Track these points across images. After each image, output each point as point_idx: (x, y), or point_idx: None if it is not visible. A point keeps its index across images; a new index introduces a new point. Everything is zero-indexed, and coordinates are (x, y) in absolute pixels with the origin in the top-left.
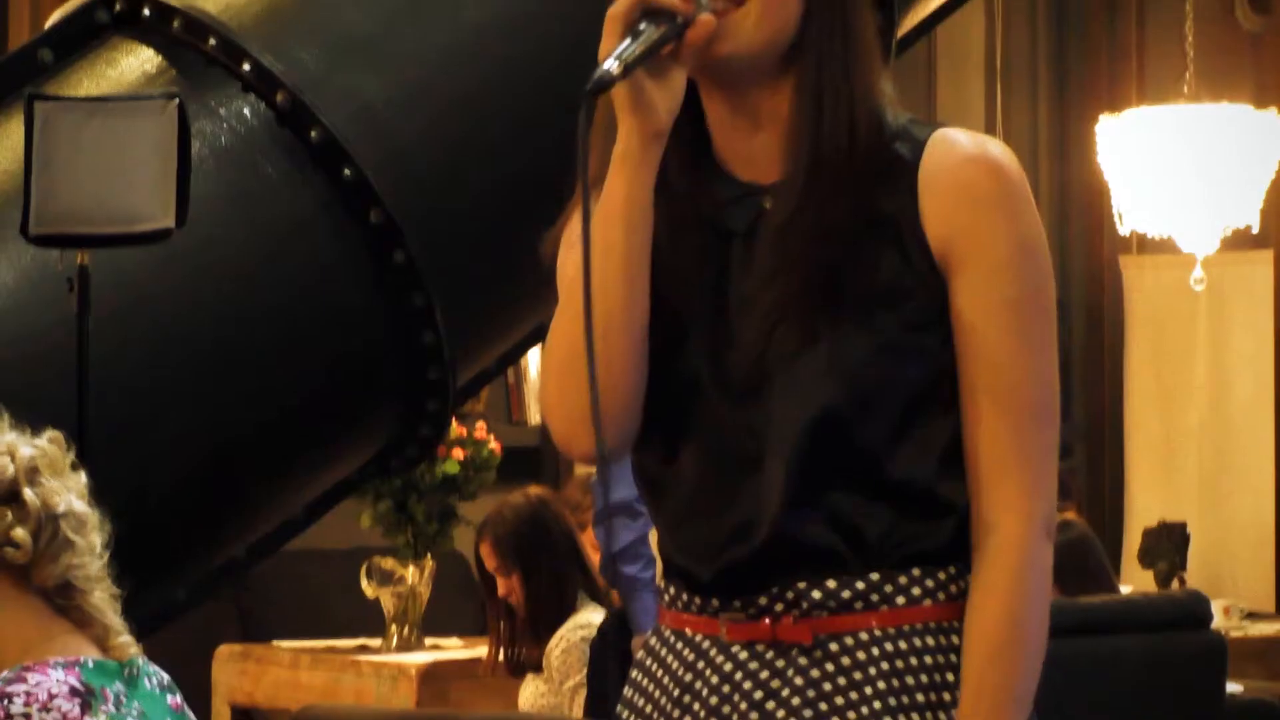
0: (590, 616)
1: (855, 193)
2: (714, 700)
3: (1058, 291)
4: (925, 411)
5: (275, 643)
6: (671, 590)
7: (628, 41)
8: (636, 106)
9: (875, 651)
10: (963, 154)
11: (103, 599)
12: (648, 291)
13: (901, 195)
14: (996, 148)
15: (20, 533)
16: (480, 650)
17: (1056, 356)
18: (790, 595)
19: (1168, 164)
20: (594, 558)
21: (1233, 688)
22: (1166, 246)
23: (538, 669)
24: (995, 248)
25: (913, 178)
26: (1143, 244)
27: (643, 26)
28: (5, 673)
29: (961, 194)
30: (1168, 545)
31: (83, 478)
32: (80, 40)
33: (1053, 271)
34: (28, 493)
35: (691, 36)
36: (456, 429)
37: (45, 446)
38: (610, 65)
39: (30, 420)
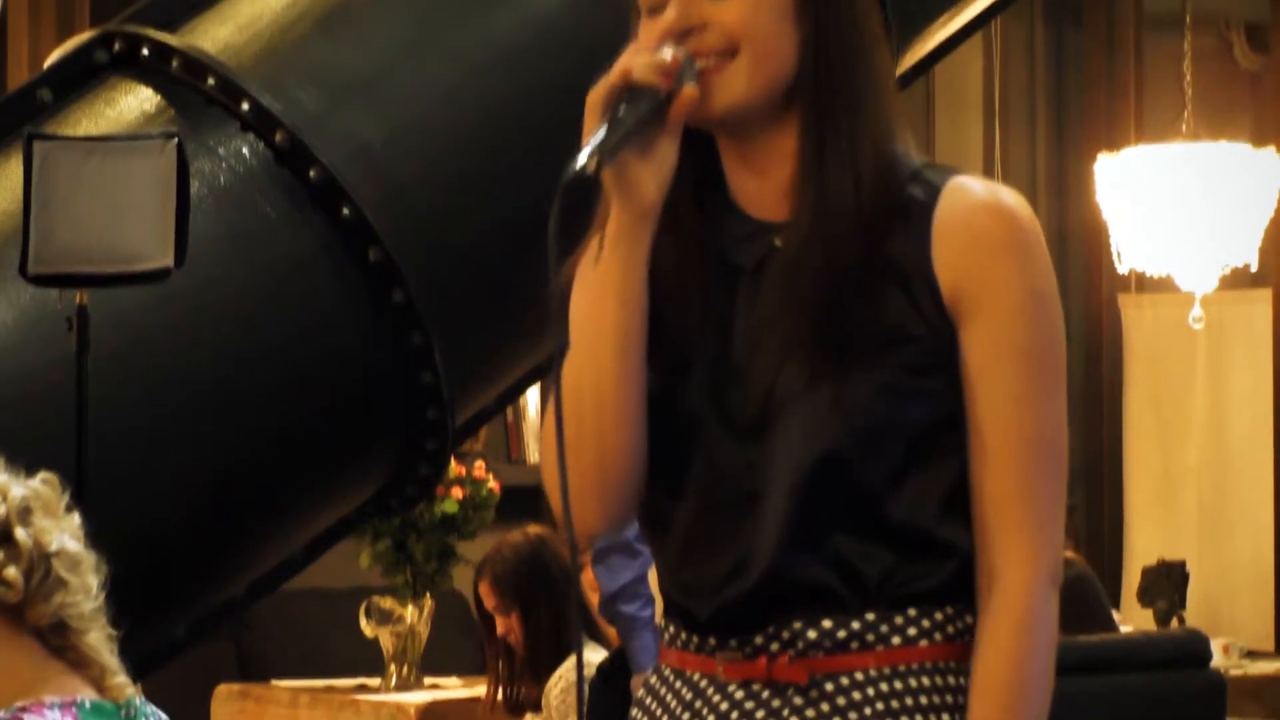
0: (589, 656)
1: (863, 234)
2: None
3: None
4: (928, 455)
5: (274, 682)
6: (671, 629)
7: (604, 131)
8: (623, 188)
9: (870, 691)
10: (977, 201)
11: (99, 639)
12: (644, 367)
13: (914, 240)
14: (1010, 196)
15: (12, 572)
16: (479, 689)
17: (1065, 405)
18: (786, 635)
19: (1166, 202)
20: (593, 598)
21: None
22: (1165, 285)
23: (537, 708)
24: (1007, 296)
25: (926, 223)
26: (1141, 282)
27: (622, 112)
28: (1, 713)
29: (975, 241)
30: (1167, 584)
31: (76, 519)
32: (79, 80)
33: (1062, 318)
34: (19, 532)
35: (676, 108)
36: (455, 468)
37: (38, 488)
38: (584, 159)
39: (29, 459)
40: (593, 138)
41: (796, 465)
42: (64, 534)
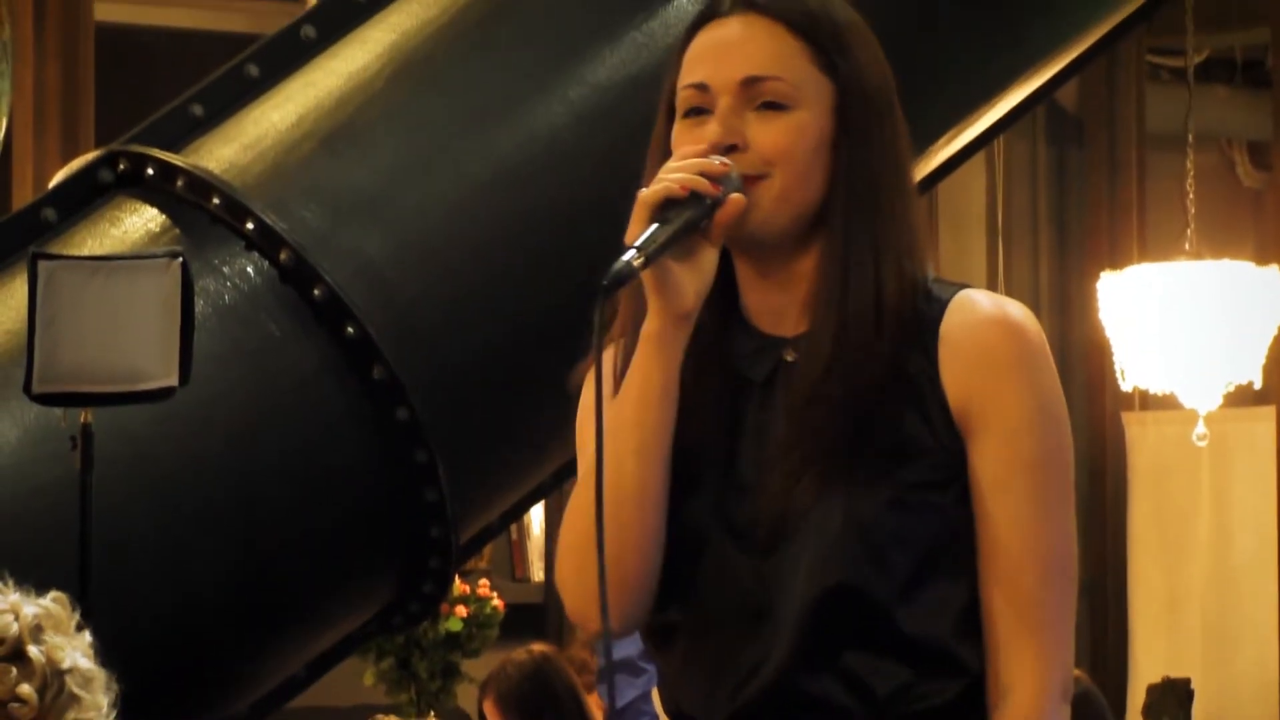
0: None
1: (882, 359)
2: None
3: None
4: (939, 569)
5: None
6: None
7: (652, 230)
8: (663, 290)
9: None
10: (983, 316)
11: None
12: (667, 469)
13: (922, 354)
14: (1017, 310)
15: (26, 689)
16: None
17: (1074, 518)
18: None
19: (1170, 320)
20: (599, 717)
21: None
22: (1169, 403)
23: None
24: (1015, 410)
25: (933, 337)
26: (1145, 400)
27: (670, 213)
28: None
29: (981, 356)
30: (1172, 701)
31: (87, 637)
32: (84, 199)
33: (1070, 432)
34: (32, 650)
35: (721, 217)
36: (459, 586)
37: (49, 606)
38: (630, 256)
39: (35, 577)
40: (639, 237)
41: (808, 583)
42: (76, 651)
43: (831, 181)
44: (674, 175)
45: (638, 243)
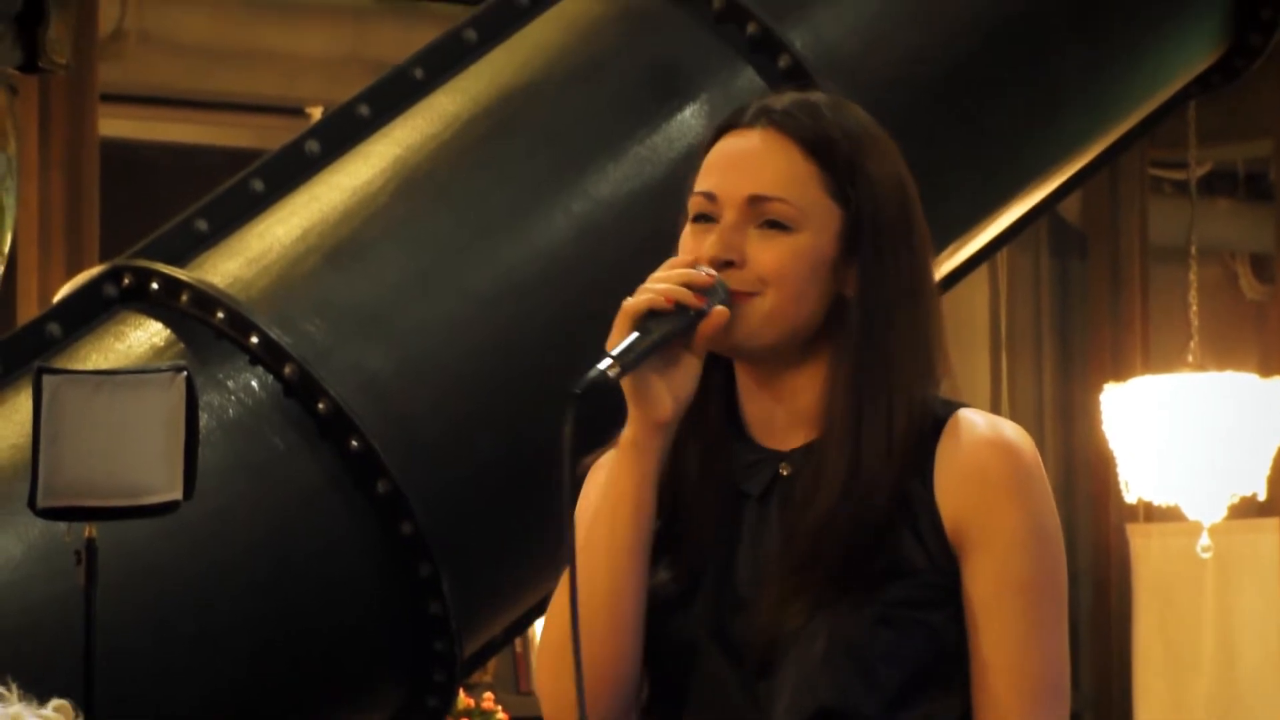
0: None
1: (889, 490)
2: None
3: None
4: (929, 687)
5: None
6: None
7: (631, 340)
8: (640, 399)
9: None
10: (978, 437)
11: None
12: (644, 574)
13: (918, 475)
14: (1011, 430)
15: None
16: None
17: (1067, 638)
18: None
19: (1173, 432)
20: None
21: None
22: (1173, 515)
23: None
24: (1008, 531)
25: (929, 457)
26: (1149, 512)
27: (652, 324)
28: None
29: (975, 477)
30: None
31: None
32: (88, 314)
33: (1064, 553)
34: None
35: (704, 329)
36: (464, 699)
37: (50, 715)
38: (605, 365)
39: (39, 691)
40: (618, 345)
41: (795, 703)
42: None
43: (837, 304)
44: (659, 286)
45: (615, 351)
